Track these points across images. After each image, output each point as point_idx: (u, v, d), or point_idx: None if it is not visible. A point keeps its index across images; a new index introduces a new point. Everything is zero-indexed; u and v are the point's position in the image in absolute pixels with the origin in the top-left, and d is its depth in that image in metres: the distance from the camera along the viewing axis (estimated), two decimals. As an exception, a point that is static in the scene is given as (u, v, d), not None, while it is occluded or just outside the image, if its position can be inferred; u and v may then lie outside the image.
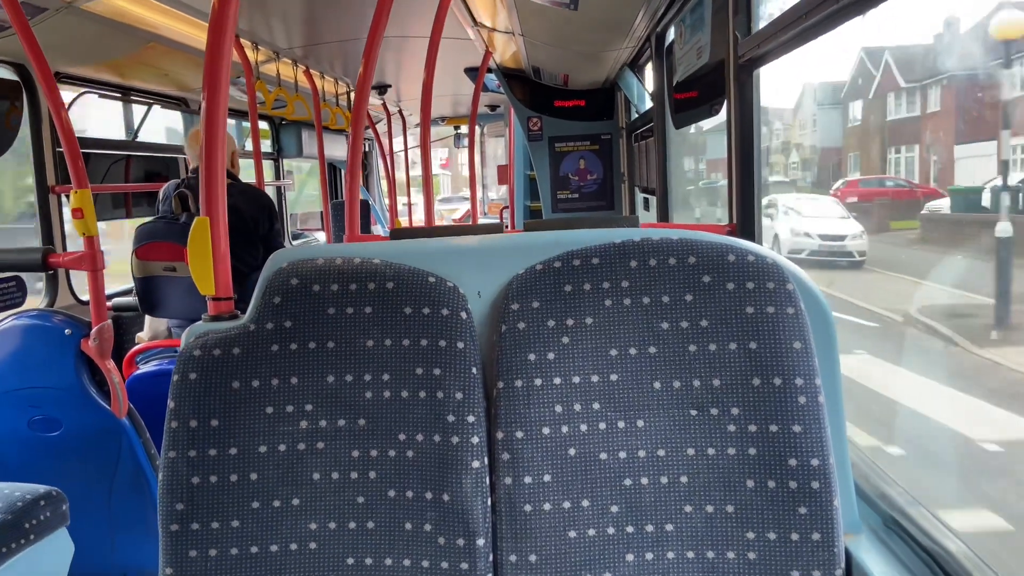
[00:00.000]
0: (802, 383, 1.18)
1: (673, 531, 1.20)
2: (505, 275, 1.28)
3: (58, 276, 3.80)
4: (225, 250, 1.43)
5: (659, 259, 1.23)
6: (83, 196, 2.40)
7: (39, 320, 2.52)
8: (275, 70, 4.83)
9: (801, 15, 1.57)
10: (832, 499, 1.17)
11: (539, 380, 1.22)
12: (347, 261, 1.28)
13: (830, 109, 9.10)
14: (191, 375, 1.25)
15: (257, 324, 1.26)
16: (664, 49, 3.50)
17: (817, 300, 1.24)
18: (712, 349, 1.21)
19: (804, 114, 9.78)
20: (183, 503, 1.23)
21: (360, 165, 3.12)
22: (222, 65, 1.42)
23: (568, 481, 1.21)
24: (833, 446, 1.19)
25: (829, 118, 9.21)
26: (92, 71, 3.93)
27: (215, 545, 1.22)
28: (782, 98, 9.69)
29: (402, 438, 1.24)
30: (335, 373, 1.25)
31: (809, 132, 9.78)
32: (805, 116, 9.78)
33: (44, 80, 2.41)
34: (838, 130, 9.01)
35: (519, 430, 1.21)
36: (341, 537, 1.24)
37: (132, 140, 4.68)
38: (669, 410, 1.22)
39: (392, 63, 5.59)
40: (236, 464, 1.23)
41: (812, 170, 9.74)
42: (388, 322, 1.25)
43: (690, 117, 3.20)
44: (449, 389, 1.22)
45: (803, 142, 9.97)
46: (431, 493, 1.22)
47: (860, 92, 8.20)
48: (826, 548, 1.16)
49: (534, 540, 1.20)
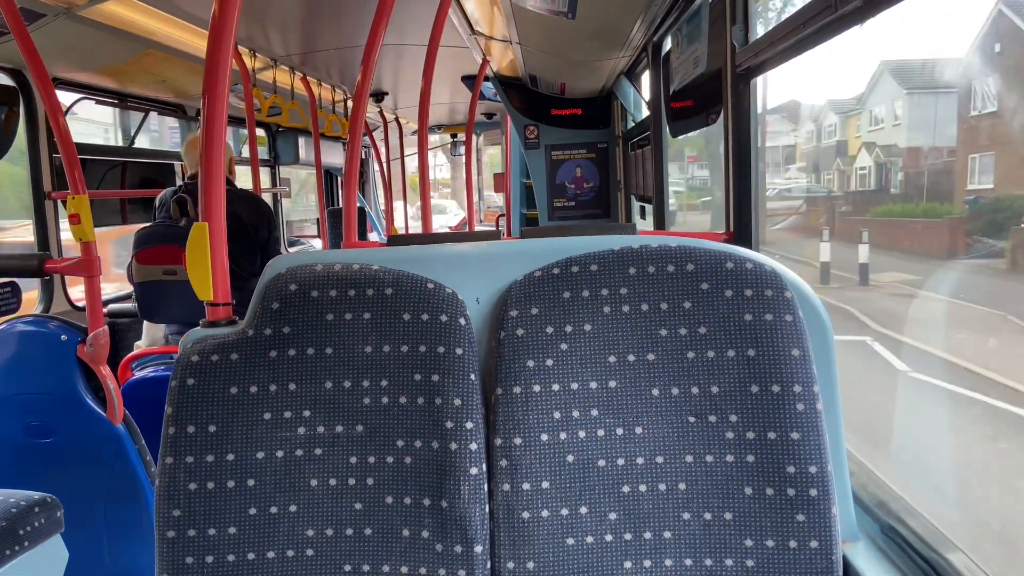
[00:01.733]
0: (800, 390, 1.18)
1: (671, 538, 1.20)
2: (504, 281, 1.29)
3: (54, 282, 3.79)
4: (223, 256, 1.43)
5: (658, 266, 1.24)
6: (80, 202, 2.40)
7: (35, 326, 2.51)
8: (272, 77, 4.84)
9: (799, 24, 1.58)
10: (830, 507, 1.17)
11: (538, 387, 1.22)
12: (346, 267, 1.28)
13: (927, 95, 6.48)
14: (189, 381, 1.24)
15: (255, 330, 1.26)
16: (661, 58, 3.51)
17: (815, 308, 1.24)
18: (710, 356, 1.21)
19: (878, 103, 7.32)
20: (180, 509, 1.22)
21: (357, 172, 3.13)
22: (221, 72, 1.42)
23: (566, 488, 1.21)
24: (831, 454, 1.19)
25: (928, 106, 6.51)
26: (90, 77, 3.93)
27: (212, 552, 1.22)
28: (829, 86, 7.23)
29: (400, 444, 1.23)
30: (333, 379, 1.25)
31: (890, 127, 7.20)
32: (881, 105, 7.30)
33: (41, 86, 2.41)
34: (947, 122, 5.99)
35: (517, 436, 1.21)
36: (338, 544, 1.24)
37: (129, 146, 4.68)
38: (667, 417, 1.22)
39: (390, 71, 5.61)
40: (233, 470, 1.23)
41: (902, 178, 6.81)
42: (386, 328, 1.25)
43: (687, 126, 3.21)
44: (447, 395, 1.22)
45: (879, 140, 7.31)
46: (429, 499, 1.22)
47: (998, 64, 5.10)
48: (824, 556, 1.16)
49: (532, 547, 1.20)
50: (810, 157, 6.31)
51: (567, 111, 5.53)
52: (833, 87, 6.53)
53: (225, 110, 1.45)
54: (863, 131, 6.24)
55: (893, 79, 6.91)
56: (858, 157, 6.01)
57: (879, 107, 6.63)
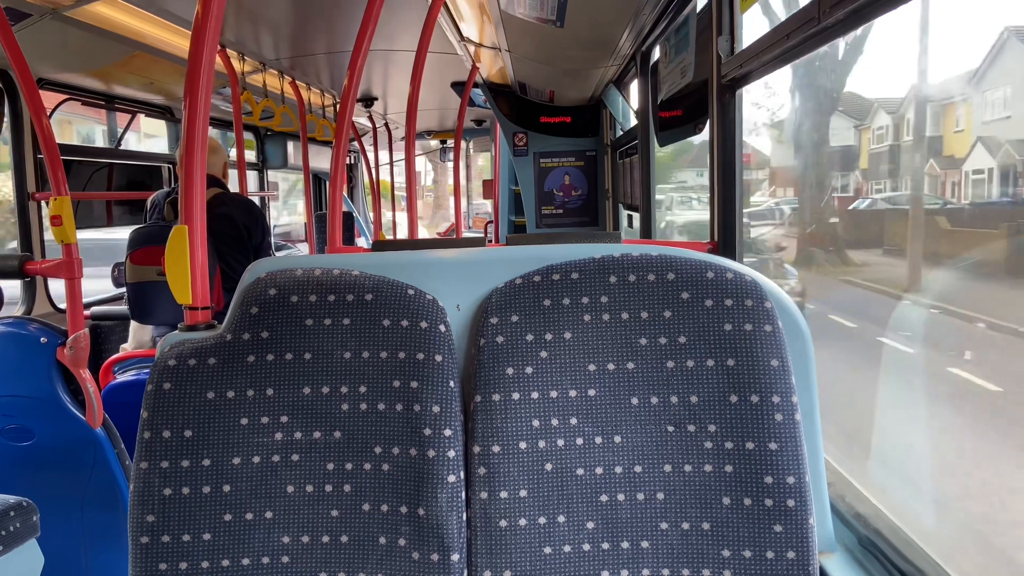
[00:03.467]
0: (779, 401, 1.18)
1: (649, 548, 1.20)
2: (484, 288, 1.28)
3: (36, 284, 3.76)
4: (202, 259, 1.42)
5: (638, 275, 1.24)
6: (62, 203, 2.38)
7: (14, 328, 2.48)
8: (261, 81, 4.83)
9: (783, 36, 1.59)
10: (808, 517, 1.17)
11: (517, 394, 1.21)
12: (326, 272, 1.27)
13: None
14: (165, 385, 1.23)
15: (233, 334, 1.25)
16: (649, 68, 3.53)
17: (794, 318, 1.25)
18: (690, 366, 1.21)
19: (1002, 83, 4.98)
20: (154, 515, 1.21)
21: (344, 177, 3.12)
22: (204, 73, 1.41)
23: (544, 496, 1.20)
24: (809, 464, 1.19)
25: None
26: (77, 78, 3.91)
27: (186, 558, 1.21)
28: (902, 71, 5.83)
29: (378, 451, 1.23)
30: (311, 385, 1.24)
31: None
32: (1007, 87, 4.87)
33: (25, 86, 2.39)
34: None
35: (496, 444, 1.20)
36: (314, 551, 1.23)
37: (115, 148, 4.65)
38: (646, 426, 1.22)
39: (379, 76, 5.61)
40: (209, 476, 1.22)
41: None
42: (366, 334, 1.24)
43: (674, 135, 3.22)
44: (426, 402, 1.21)
45: (1005, 133, 4.91)
46: (406, 507, 1.21)
47: None
48: (801, 567, 1.16)
49: (509, 556, 1.19)
50: (881, 159, 4.64)
51: (556, 119, 5.54)
52: (907, 73, 5.12)
53: (207, 113, 1.44)
54: (972, 122, 5.21)
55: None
56: (970, 157, 4.54)
57: (1002, 89, 5.46)
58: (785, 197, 6.28)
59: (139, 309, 3.08)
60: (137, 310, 3.09)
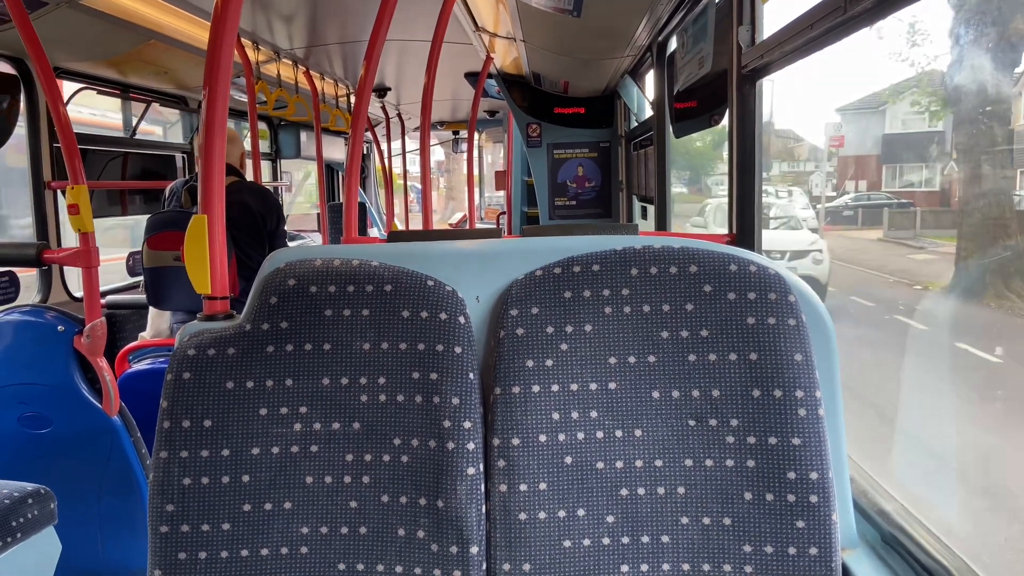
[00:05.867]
0: (802, 395, 1.17)
1: (669, 543, 1.19)
2: (504, 280, 1.27)
3: (52, 272, 3.78)
4: (221, 248, 1.41)
5: (660, 267, 1.22)
6: (79, 192, 2.39)
7: (31, 316, 2.49)
8: (275, 70, 4.82)
9: (807, 26, 1.57)
10: (830, 513, 1.15)
11: (537, 387, 1.21)
12: (345, 263, 1.27)
13: None
14: (185, 375, 1.23)
15: (253, 324, 1.25)
16: (666, 58, 3.50)
17: (819, 312, 1.23)
18: (712, 359, 1.20)
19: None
20: (173, 504, 1.21)
21: (359, 167, 3.11)
22: (223, 63, 1.41)
23: (564, 490, 1.20)
24: (832, 460, 1.18)
25: None
26: (91, 67, 3.92)
27: (205, 548, 1.21)
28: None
29: (397, 443, 1.22)
30: (330, 376, 1.23)
31: None
32: None
33: (43, 75, 2.39)
34: None
35: (515, 437, 1.20)
36: (333, 542, 1.22)
37: (130, 137, 4.66)
38: (667, 420, 1.21)
39: (393, 66, 5.59)
40: (228, 466, 1.22)
41: None
42: (385, 325, 1.24)
43: (690, 126, 3.19)
44: (446, 394, 1.21)
45: None
46: (425, 499, 1.20)
47: None
48: (823, 563, 1.15)
49: (528, 549, 1.18)
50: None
51: (570, 110, 5.51)
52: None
53: (225, 102, 1.43)
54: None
55: None
56: None
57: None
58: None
59: (156, 294, 3.09)
60: (154, 295, 3.10)
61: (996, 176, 3.28)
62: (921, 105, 5.61)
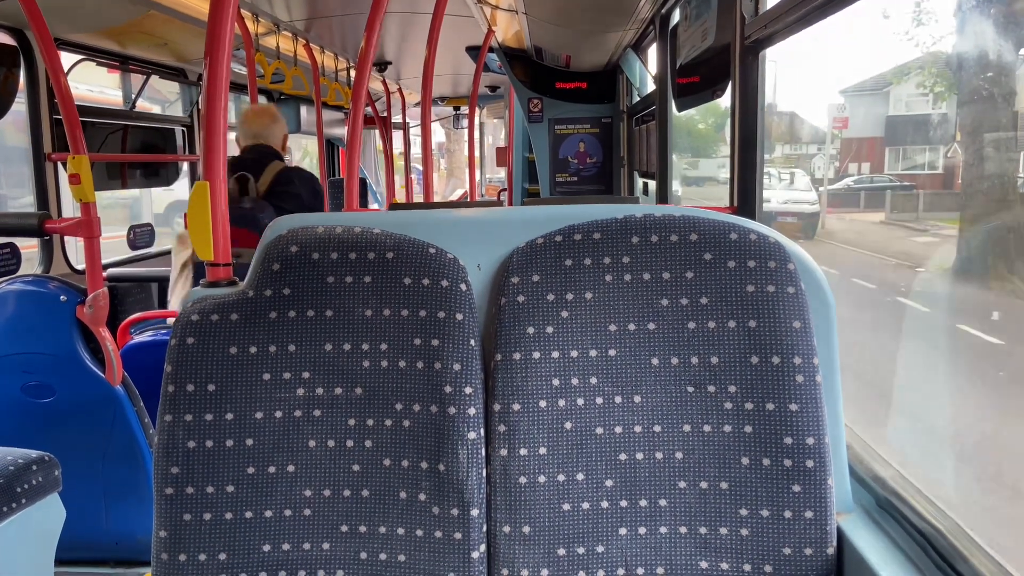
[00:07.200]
0: (800, 362, 1.18)
1: (667, 506, 1.21)
2: (506, 248, 1.28)
3: (53, 244, 3.78)
4: (223, 215, 1.42)
5: (661, 235, 1.23)
6: (80, 162, 2.39)
7: (34, 286, 2.50)
8: (275, 43, 4.79)
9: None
10: (826, 478, 1.17)
11: (537, 353, 1.22)
12: (347, 230, 1.27)
13: None
14: (188, 340, 1.24)
15: (256, 291, 1.26)
16: (668, 31, 3.48)
17: (818, 280, 1.24)
18: (711, 327, 1.21)
19: None
20: (178, 467, 1.22)
21: (360, 141, 3.11)
22: (224, 35, 1.40)
23: (563, 454, 1.21)
24: (829, 426, 1.19)
25: None
26: (90, 38, 3.90)
27: (209, 509, 1.22)
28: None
29: (399, 408, 1.24)
30: (333, 341, 1.24)
31: None
32: None
33: (44, 45, 2.38)
34: None
35: (516, 403, 1.21)
36: (335, 504, 1.24)
37: (130, 110, 4.65)
38: (666, 386, 1.22)
39: (393, 40, 5.56)
40: (232, 429, 1.23)
41: None
42: (387, 292, 1.25)
43: (693, 101, 3.18)
44: (447, 360, 1.22)
45: None
46: (426, 463, 1.22)
47: None
48: (818, 526, 1.17)
49: (528, 512, 1.20)
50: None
51: (572, 84, 5.49)
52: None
53: (227, 71, 1.43)
54: None
55: None
56: None
57: None
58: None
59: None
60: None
61: (1000, 159, 3.29)
62: (926, 87, 5.55)
